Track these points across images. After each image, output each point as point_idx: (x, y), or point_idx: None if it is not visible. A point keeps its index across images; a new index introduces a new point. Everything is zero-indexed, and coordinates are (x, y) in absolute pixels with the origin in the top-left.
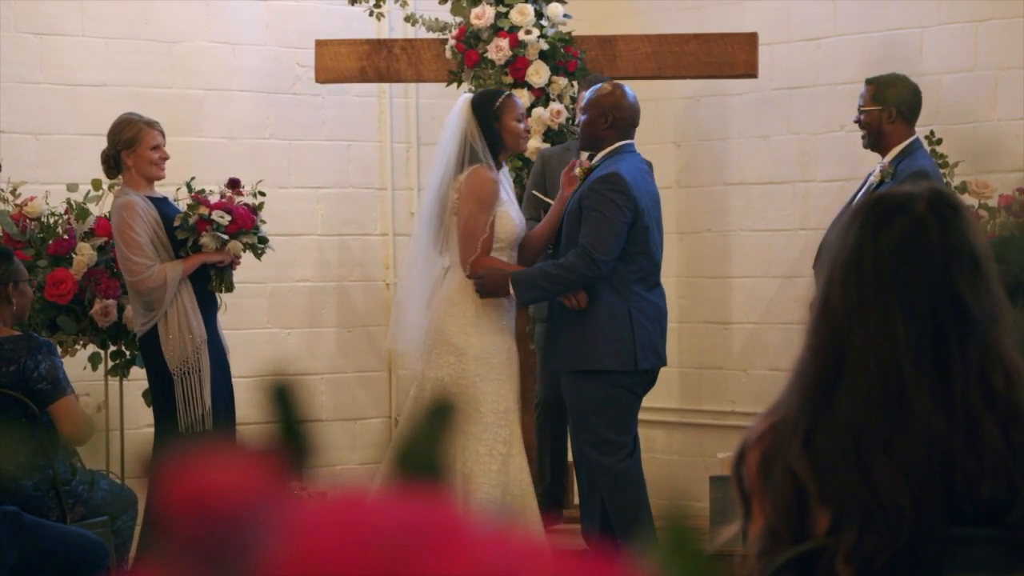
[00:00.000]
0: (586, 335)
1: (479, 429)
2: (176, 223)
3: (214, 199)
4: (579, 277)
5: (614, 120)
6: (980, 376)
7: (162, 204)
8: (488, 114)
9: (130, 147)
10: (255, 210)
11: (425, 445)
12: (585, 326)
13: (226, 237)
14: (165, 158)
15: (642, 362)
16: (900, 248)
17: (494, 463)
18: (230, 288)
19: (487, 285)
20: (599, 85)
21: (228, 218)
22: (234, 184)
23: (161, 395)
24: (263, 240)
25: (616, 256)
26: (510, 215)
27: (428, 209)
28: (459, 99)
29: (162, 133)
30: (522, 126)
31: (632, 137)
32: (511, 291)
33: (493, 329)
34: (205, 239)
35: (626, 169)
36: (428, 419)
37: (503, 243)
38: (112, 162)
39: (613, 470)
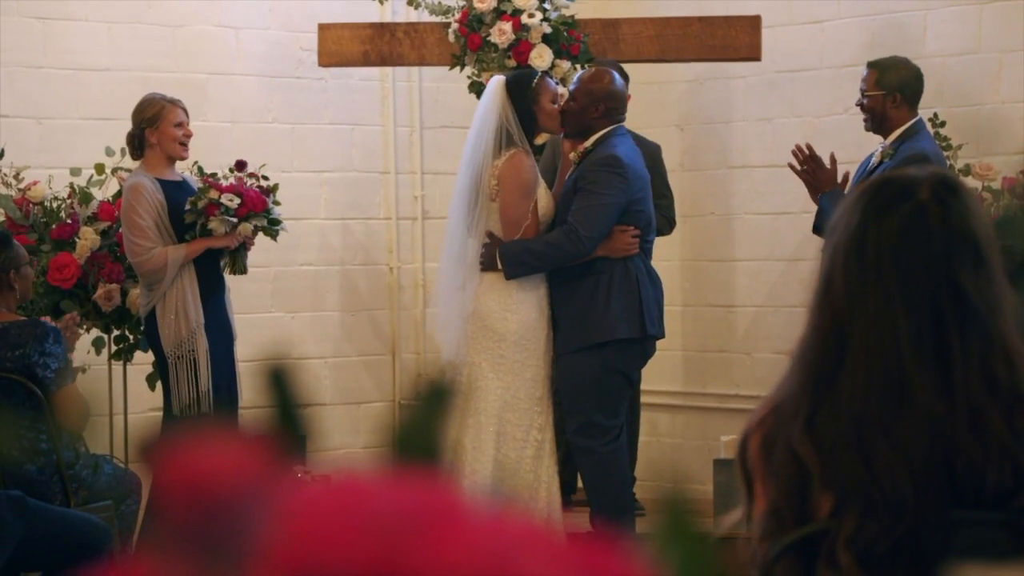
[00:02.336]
0: (595, 307)
1: (515, 416)
2: (187, 207)
3: (227, 183)
4: (563, 254)
5: (606, 109)
6: (981, 364)
7: (174, 189)
8: (525, 96)
9: (153, 124)
10: (269, 192)
11: (423, 428)
12: (594, 299)
13: (235, 220)
14: (189, 135)
15: (649, 327)
16: (902, 235)
17: (528, 449)
18: (243, 271)
19: (484, 257)
20: (586, 71)
21: (238, 201)
22: (241, 166)
23: (162, 377)
24: (275, 222)
25: (603, 236)
26: (546, 197)
27: (461, 193)
28: (491, 82)
29: (185, 111)
30: (556, 107)
31: (622, 121)
32: (499, 264)
33: (532, 315)
34: (214, 223)
35: (624, 152)
36: (426, 401)
37: (540, 225)
38: (136, 142)
39: (598, 453)
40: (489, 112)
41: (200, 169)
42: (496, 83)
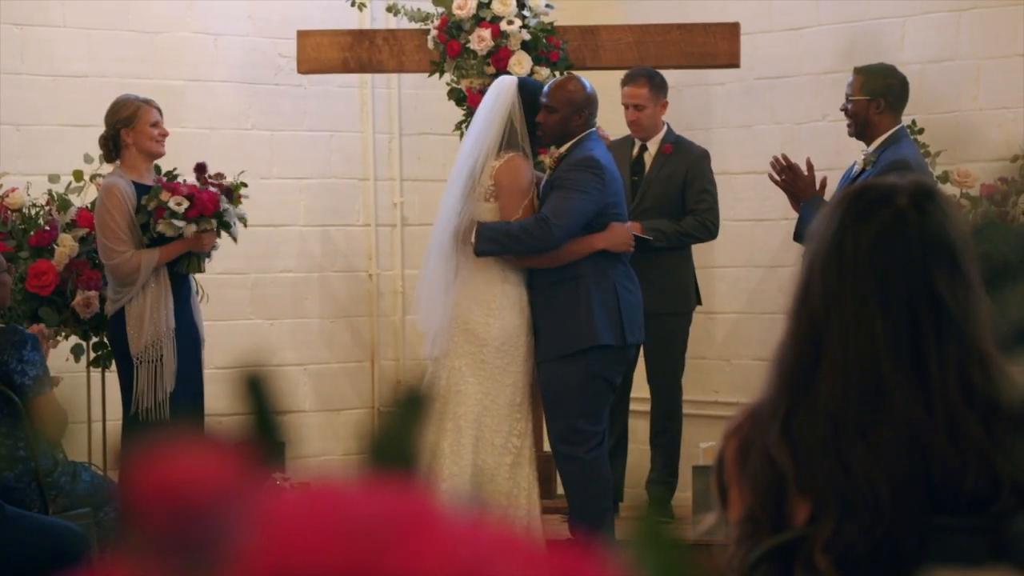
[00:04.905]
0: (577, 313)
1: (495, 421)
2: (136, 209)
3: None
4: (533, 240)
5: (588, 116)
6: (958, 370)
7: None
8: (535, 101)
9: (129, 124)
10: (231, 190)
11: (401, 435)
12: (574, 305)
13: (182, 224)
14: (164, 134)
15: (630, 336)
16: (879, 240)
17: (508, 456)
18: (199, 269)
19: (465, 230)
20: (556, 80)
21: (186, 204)
22: (200, 169)
23: (123, 379)
24: (226, 224)
25: (574, 232)
26: (537, 202)
27: (456, 182)
28: (501, 80)
29: (159, 111)
30: None
31: (595, 125)
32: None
33: (514, 320)
34: (162, 226)
35: (601, 155)
36: (403, 409)
37: None
38: (111, 144)
39: (581, 460)
40: (498, 108)
41: (157, 168)
42: (509, 81)
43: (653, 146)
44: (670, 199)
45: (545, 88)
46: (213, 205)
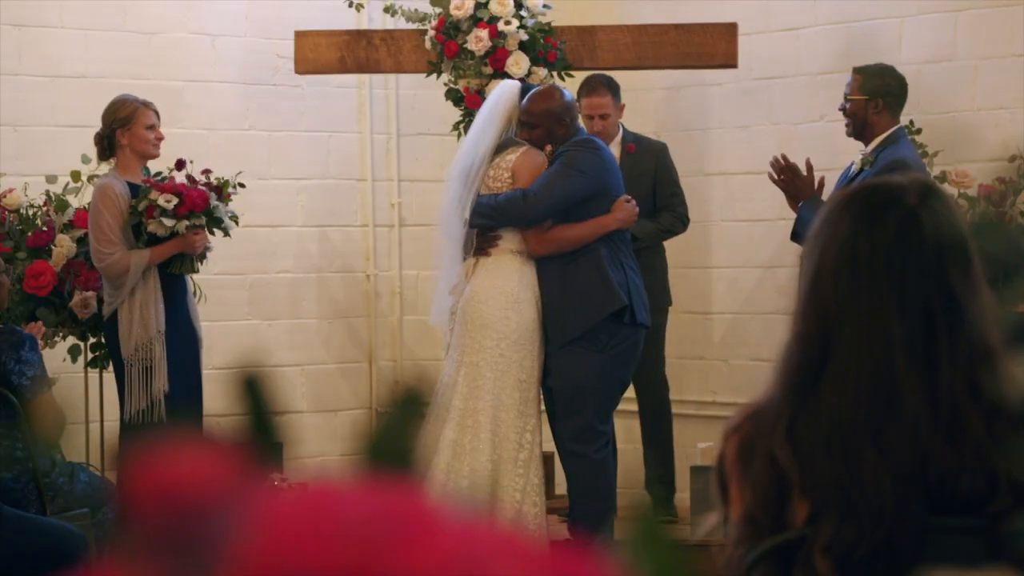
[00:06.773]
0: (596, 283)
1: (510, 416)
2: (129, 210)
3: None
4: (512, 210)
5: (570, 122)
6: (967, 368)
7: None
8: None
9: (125, 125)
10: (220, 188)
11: (398, 435)
12: (591, 277)
13: (172, 223)
14: (160, 138)
15: (639, 315)
16: (896, 241)
17: (522, 452)
18: (191, 269)
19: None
20: (532, 94)
21: (175, 201)
22: (180, 165)
23: (120, 382)
24: (217, 220)
25: (552, 210)
26: None
27: (454, 180)
28: (504, 84)
29: (157, 114)
30: None
31: (579, 128)
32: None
33: (532, 314)
34: (153, 226)
35: (597, 140)
36: (401, 409)
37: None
38: (106, 143)
39: (590, 459)
40: (499, 111)
41: (146, 170)
42: (512, 85)
43: (615, 148)
44: (643, 197)
45: (523, 104)
46: (203, 202)
